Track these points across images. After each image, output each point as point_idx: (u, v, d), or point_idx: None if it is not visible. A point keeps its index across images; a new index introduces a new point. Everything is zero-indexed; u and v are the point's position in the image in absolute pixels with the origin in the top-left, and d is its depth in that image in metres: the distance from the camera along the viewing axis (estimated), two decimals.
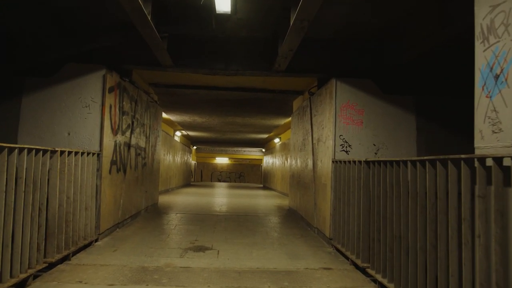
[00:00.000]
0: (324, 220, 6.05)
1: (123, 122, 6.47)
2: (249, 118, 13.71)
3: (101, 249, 5.01)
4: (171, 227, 6.83)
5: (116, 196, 6.18)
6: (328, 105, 6.09)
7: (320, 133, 6.55)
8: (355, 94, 5.85)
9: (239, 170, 42.12)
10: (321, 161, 6.39)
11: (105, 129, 5.58)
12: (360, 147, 5.78)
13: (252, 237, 6.19)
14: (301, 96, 8.97)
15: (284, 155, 17.80)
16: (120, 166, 6.35)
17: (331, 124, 5.83)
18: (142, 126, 7.85)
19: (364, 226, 4.32)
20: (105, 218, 5.67)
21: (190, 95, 9.52)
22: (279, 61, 6.00)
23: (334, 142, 5.76)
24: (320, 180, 6.41)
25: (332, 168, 5.68)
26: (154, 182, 9.41)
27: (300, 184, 8.30)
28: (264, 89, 8.79)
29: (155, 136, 9.33)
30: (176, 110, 12.40)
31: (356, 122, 5.82)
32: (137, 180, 7.55)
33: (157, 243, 5.48)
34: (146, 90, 8.22)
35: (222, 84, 8.50)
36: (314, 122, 7.09)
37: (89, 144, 5.47)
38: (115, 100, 5.97)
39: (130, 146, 6.89)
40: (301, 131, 8.46)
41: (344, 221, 5.05)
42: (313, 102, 7.28)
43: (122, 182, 6.50)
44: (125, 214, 6.79)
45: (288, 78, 7.64)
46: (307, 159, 7.65)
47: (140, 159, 7.72)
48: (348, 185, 4.91)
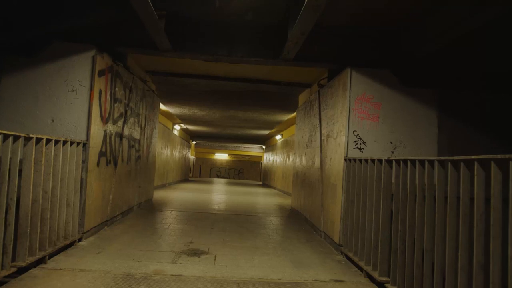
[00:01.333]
0: (332, 224, 5.50)
1: (115, 110, 5.91)
2: (251, 113, 13.13)
3: (84, 251, 4.47)
4: (164, 226, 6.28)
5: (104, 191, 5.63)
6: (341, 98, 5.52)
7: (330, 129, 5.99)
8: (372, 85, 5.28)
9: (238, 167, 41.63)
10: (331, 159, 5.83)
11: (94, 116, 5.02)
12: (376, 145, 5.23)
13: (252, 240, 5.65)
14: (308, 89, 8.40)
15: (285, 153, 17.24)
16: (110, 158, 5.79)
17: (344, 118, 5.27)
18: (137, 116, 7.29)
19: (383, 235, 3.77)
20: (91, 215, 5.12)
21: (190, 85, 8.94)
22: (288, 47, 5.43)
23: (347, 138, 5.20)
24: (329, 180, 5.86)
25: (344, 167, 5.13)
26: (149, 176, 8.86)
27: (305, 184, 7.75)
28: (269, 81, 8.22)
29: (151, 128, 8.77)
30: (175, 101, 11.82)
31: (372, 117, 5.26)
32: (130, 174, 7.00)
33: (148, 245, 4.93)
34: (142, 77, 7.65)
35: (224, 73, 7.93)
36: (323, 117, 6.53)
37: (75, 133, 4.91)
38: (106, 85, 5.41)
39: (122, 137, 6.32)
40: (307, 127, 7.90)
41: (357, 227, 4.50)
42: (322, 95, 6.71)
43: (112, 175, 5.94)
44: (115, 211, 6.24)
45: (296, 68, 7.07)
46: (313, 157, 7.09)
47: (133, 152, 7.16)
48: (364, 186, 4.36)
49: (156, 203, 9.47)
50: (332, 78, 6.20)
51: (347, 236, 4.89)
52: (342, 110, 5.40)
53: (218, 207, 9.42)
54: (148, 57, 6.92)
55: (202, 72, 7.97)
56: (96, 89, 5.06)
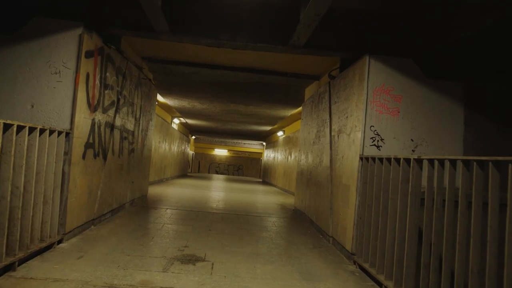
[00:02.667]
0: (344, 230, 4.96)
1: (105, 98, 5.34)
2: (254, 107, 12.56)
3: (64, 254, 3.92)
4: (157, 227, 5.73)
5: (91, 187, 5.07)
6: (356, 89, 4.96)
7: (343, 124, 5.43)
8: (392, 76, 4.72)
9: (238, 163, 41.10)
10: (343, 157, 5.28)
11: (79, 103, 4.45)
12: (395, 142, 4.67)
13: (254, 244, 5.10)
14: (317, 81, 7.83)
15: (287, 150, 16.69)
16: (98, 151, 5.23)
17: (360, 112, 4.71)
18: (131, 105, 6.72)
19: (410, 247, 3.22)
20: (75, 213, 4.57)
21: (190, 74, 8.37)
22: (300, 31, 4.87)
23: (363, 134, 4.64)
24: (340, 180, 5.31)
25: (359, 166, 4.58)
26: (144, 171, 8.30)
27: (311, 183, 7.20)
28: (274, 71, 7.65)
29: (147, 119, 8.20)
30: (173, 93, 11.25)
31: (392, 111, 4.70)
32: (122, 168, 6.44)
33: (137, 249, 4.38)
34: (138, 64, 7.08)
35: (226, 62, 7.36)
36: (334, 111, 5.97)
37: (58, 121, 4.35)
38: (94, 69, 4.84)
39: (113, 128, 5.76)
40: (315, 122, 7.34)
41: (375, 235, 3.96)
42: (333, 87, 6.15)
43: (100, 169, 5.38)
44: (104, 209, 5.68)
45: (305, 58, 6.50)
46: (322, 154, 6.54)
47: (126, 144, 6.60)
48: (385, 189, 3.81)
49: (151, 199, 8.92)
50: (345, 68, 5.64)
51: (361, 245, 4.34)
52: (358, 103, 4.84)
53: (217, 206, 8.87)
54: (144, 41, 6.35)
55: (203, 60, 7.40)
56: (83, 72, 4.49)
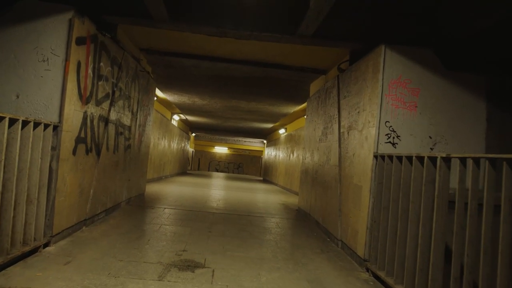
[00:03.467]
0: (355, 234, 4.60)
1: (99, 89, 4.97)
2: (256, 103, 12.19)
3: (49, 260, 3.56)
4: (154, 228, 5.37)
5: (83, 185, 4.71)
6: (370, 82, 4.60)
7: (354, 119, 5.07)
8: (409, 67, 4.36)
9: (238, 161, 40.72)
10: (354, 155, 4.92)
11: (69, 94, 4.09)
12: (412, 140, 4.31)
13: (258, 248, 4.75)
14: (323, 76, 7.46)
15: (290, 148, 16.33)
16: (91, 146, 4.87)
17: (375, 106, 4.34)
18: (128, 99, 6.35)
19: (436, 256, 2.86)
20: (63, 214, 4.21)
21: (190, 68, 8.00)
22: (309, 19, 4.51)
23: (378, 130, 4.28)
24: (351, 179, 4.95)
25: (373, 165, 4.22)
26: (141, 168, 7.94)
27: (317, 183, 6.84)
28: (279, 65, 7.28)
29: (145, 114, 7.83)
30: (173, 88, 10.87)
31: (409, 106, 4.34)
32: (117, 165, 6.08)
33: (131, 253, 4.02)
34: (135, 56, 6.71)
35: (229, 54, 6.98)
36: (344, 106, 5.60)
37: (45, 113, 3.98)
38: (87, 58, 4.47)
39: (108, 122, 5.40)
40: (321, 118, 6.98)
41: (392, 241, 3.60)
42: (342, 81, 5.78)
43: (93, 166, 5.02)
44: (97, 208, 5.33)
45: (311, 50, 6.14)
46: (329, 152, 6.17)
47: (122, 140, 6.24)
48: (405, 191, 3.45)
49: (149, 198, 8.56)
50: (355, 60, 5.27)
51: (375, 250, 3.98)
52: (372, 96, 4.47)
53: (217, 205, 8.52)
54: (142, 30, 5.98)
55: (204, 52, 7.02)
56: (73, 60, 4.12)
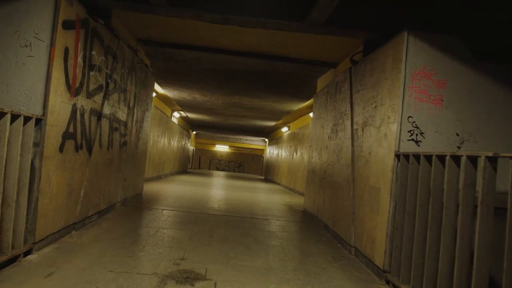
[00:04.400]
0: (371, 241, 4.16)
1: (91, 80, 4.54)
2: (259, 100, 11.74)
3: (29, 270, 3.13)
4: (150, 232, 4.94)
5: (72, 185, 4.28)
6: (390, 73, 4.15)
7: (370, 115, 4.62)
8: (435, 56, 3.91)
9: (239, 160, 40.31)
10: (370, 154, 4.48)
11: (55, 83, 3.65)
12: (437, 137, 3.86)
13: (264, 256, 4.31)
14: (332, 69, 7.02)
15: (293, 146, 15.89)
16: (81, 142, 4.44)
17: (396, 100, 3.90)
18: (123, 92, 5.91)
19: (479, 272, 2.42)
20: (48, 217, 3.78)
21: (190, 60, 7.56)
22: (322, 3, 4.06)
23: (400, 126, 3.84)
24: (366, 181, 4.51)
25: (394, 165, 3.78)
26: (138, 167, 7.50)
27: (326, 183, 6.40)
28: (285, 57, 6.83)
29: (143, 110, 7.39)
30: (173, 83, 10.43)
31: (434, 99, 3.89)
32: (112, 163, 5.64)
33: (123, 262, 3.59)
34: (133, 46, 6.27)
35: (231, 45, 6.54)
36: (357, 101, 5.16)
37: (28, 104, 3.55)
38: (76, 44, 4.03)
39: (101, 116, 4.96)
40: (330, 114, 6.53)
41: (419, 251, 3.16)
42: (355, 74, 5.34)
43: (84, 165, 4.59)
44: (88, 210, 4.89)
45: (321, 41, 5.70)
46: (340, 151, 5.73)
47: (117, 136, 5.80)
48: (436, 195, 3.01)
49: (147, 198, 8.13)
50: (372, 51, 4.83)
51: (397, 261, 3.55)
52: (392, 89, 4.03)
53: (219, 206, 8.08)
54: (139, 18, 5.54)
55: (205, 43, 6.58)
56: (60, 46, 3.68)
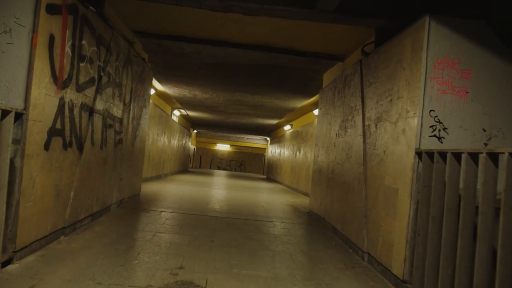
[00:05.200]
0: (388, 247, 3.79)
1: (81, 72, 4.17)
2: (261, 97, 11.37)
3: (8, 283, 2.77)
4: (147, 236, 4.58)
5: (60, 186, 3.92)
6: (408, 62, 3.78)
7: (384, 109, 4.25)
8: (459, 44, 3.54)
9: (240, 159, 39.96)
10: (385, 152, 4.10)
11: (38, 74, 3.29)
12: (461, 133, 3.49)
13: (270, 263, 3.95)
14: (340, 63, 6.64)
15: (296, 145, 15.52)
16: (71, 140, 4.08)
17: (417, 92, 3.53)
18: (118, 87, 5.55)
19: None
20: (32, 222, 3.42)
21: (190, 54, 7.19)
22: None
23: (421, 121, 3.47)
24: (381, 181, 4.14)
25: (414, 163, 3.41)
26: (135, 166, 7.14)
27: (334, 183, 6.03)
28: (289, 50, 6.46)
29: (140, 106, 7.03)
30: (173, 79, 10.07)
31: (458, 91, 3.52)
32: (106, 162, 5.28)
33: (115, 272, 3.22)
34: (128, 38, 5.91)
35: (233, 37, 6.17)
36: (369, 94, 4.79)
37: (7, 96, 3.18)
38: (63, 31, 3.67)
39: (93, 112, 4.60)
40: (339, 110, 6.16)
41: (448, 262, 2.79)
42: (367, 66, 4.97)
43: (74, 164, 4.23)
44: (80, 213, 4.54)
45: (329, 32, 5.33)
46: (349, 149, 5.37)
47: (111, 133, 5.44)
48: (468, 198, 2.64)
49: (145, 199, 7.77)
50: (385, 41, 4.47)
51: (420, 271, 3.18)
52: (412, 80, 3.65)
53: (220, 207, 7.72)
54: (135, 8, 5.18)
55: (206, 35, 6.21)
56: (43, 32, 3.32)
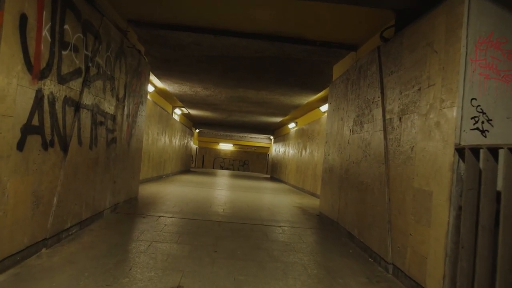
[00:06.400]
0: (419, 259, 3.26)
1: (64, 61, 3.66)
2: (266, 93, 10.84)
3: None
4: (141, 247, 4.05)
5: (39, 192, 3.41)
6: (442, 44, 3.24)
7: (411, 100, 3.71)
8: (505, 20, 3.00)
9: (244, 158, 39.46)
10: (414, 149, 3.57)
11: (6, 60, 2.78)
12: (509, 124, 2.96)
13: (282, 279, 3.41)
14: (353, 53, 6.10)
15: (301, 143, 14.98)
16: (52, 139, 3.56)
17: (455, 77, 2.99)
18: (110, 80, 5.04)
19: None
20: (4, 235, 2.91)
21: (190, 46, 6.67)
22: None
23: (461, 112, 2.93)
24: (409, 182, 3.60)
25: (455, 162, 2.87)
26: (131, 167, 6.63)
27: (349, 184, 5.50)
28: (298, 39, 5.92)
29: (136, 102, 6.52)
30: (172, 74, 9.55)
31: (504, 76, 2.98)
32: (96, 163, 4.77)
33: None
34: (122, 27, 5.39)
35: (236, 25, 5.63)
36: (390, 84, 4.25)
37: None
38: (39, 12, 3.15)
39: (80, 107, 4.09)
40: (352, 104, 5.63)
41: (507, 284, 2.26)
42: (386, 53, 4.43)
43: (57, 166, 3.71)
44: (66, 221, 4.02)
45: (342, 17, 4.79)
46: (367, 146, 4.83)
47: (103, 132, 4.93)
48: None
49: (142, 202, 7.26)
50: (406, 24, 3.93)
51: None
52: (447, 64, 3.11)
53: (224, 210, 7.20)
54: None
55: (206, 24, 5.68)
56: (12, 11, 2.80)
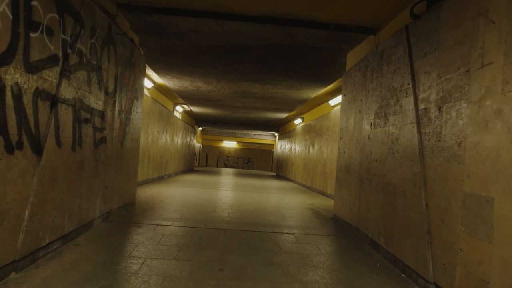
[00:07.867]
0: (476, 283, 2.59)
1: (33, 46, 3.02)
2: (272, 87, 10.17)
3: None
4: (132, 267, 3.42)
5: (3, 205, 2.78)
6: (502, 12, 2.56)
7: (455, 84, 3.04)
8: None
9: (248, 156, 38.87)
10: (461, 144, 2.90)
11: None
12: None
13: None
14: (371, 36, 5.42)
15: (308, 140, 14.31)
16: (20, 139, 2.93)
17: None
18: (97, 71, 4.40)
19: None
20: None
21: (189, 34, 6.01)
22: None
23: None
24: (456, 184, 2.93)
25: None
26: (126, 170, 5.99)
27: (371, 185, 4.83)
28: (310, 22, 5.24)
29: (130, 97, 5.87)
30: (171, 68, 8.90)
31: None
32: (82, 167, 4.14)
33: None
34: (110, 12, 4.75)
35: (240, 7, 4.96)
36: (425, 68, 3.58)
37: None
38: None
39: (57, 101, 3.45)
40: (373, 94, 4.96)
41: None
42: (417, 32, 3.75)
43: (29, 172, 3.08)
44: (42, 237, 3.40)
45: None
46: (394, 141, 4.17)
47: (89, 130, 4.29)
48: None
49: (140, 207, 6.64)
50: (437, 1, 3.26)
51: None
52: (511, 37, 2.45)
53: (229, 215, 6.56)
54: None
55: (206, 6, 5.01)
56: None
